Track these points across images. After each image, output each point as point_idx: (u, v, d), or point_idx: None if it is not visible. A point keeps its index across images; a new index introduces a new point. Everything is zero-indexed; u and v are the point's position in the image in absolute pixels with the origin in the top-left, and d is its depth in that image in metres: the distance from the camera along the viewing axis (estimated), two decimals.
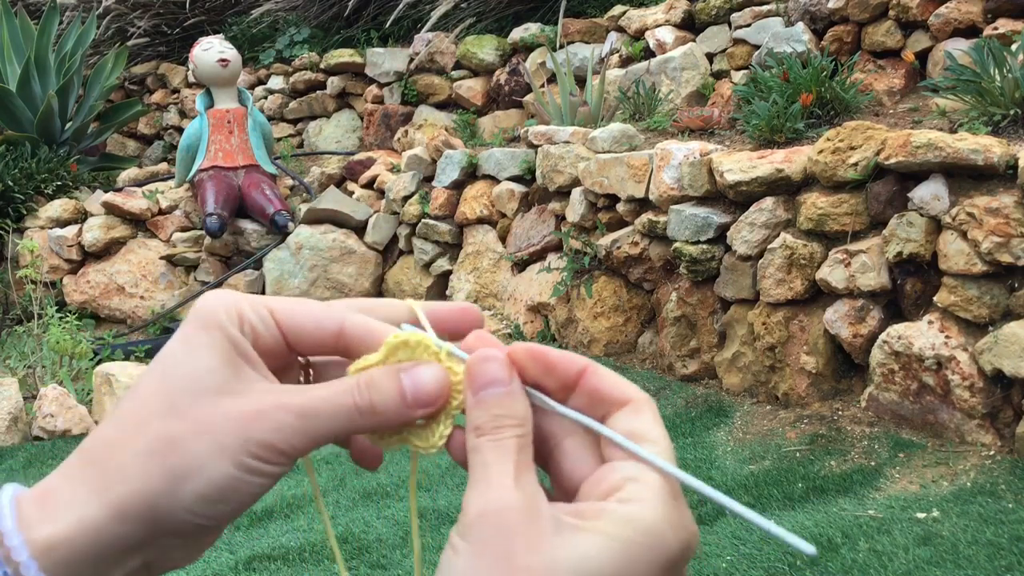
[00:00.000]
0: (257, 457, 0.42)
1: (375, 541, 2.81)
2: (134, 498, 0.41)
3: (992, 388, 2.93)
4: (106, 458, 0.42)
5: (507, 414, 0.43)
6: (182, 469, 0.41)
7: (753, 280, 3.60)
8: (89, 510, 0.41)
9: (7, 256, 6.12)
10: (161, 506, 0.41)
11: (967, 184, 3.03)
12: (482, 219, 5.17)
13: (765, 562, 2.45)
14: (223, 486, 0.42)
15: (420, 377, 0.45)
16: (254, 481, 0.43)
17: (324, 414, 0.43)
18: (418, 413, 0.45)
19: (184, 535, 0.43)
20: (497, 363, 0.44)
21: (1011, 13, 4.14)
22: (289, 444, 0.43)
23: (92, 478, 0.41)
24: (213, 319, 0.44)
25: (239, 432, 0.42)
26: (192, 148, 6.14)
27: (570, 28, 6.15)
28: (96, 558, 0.41)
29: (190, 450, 0.42)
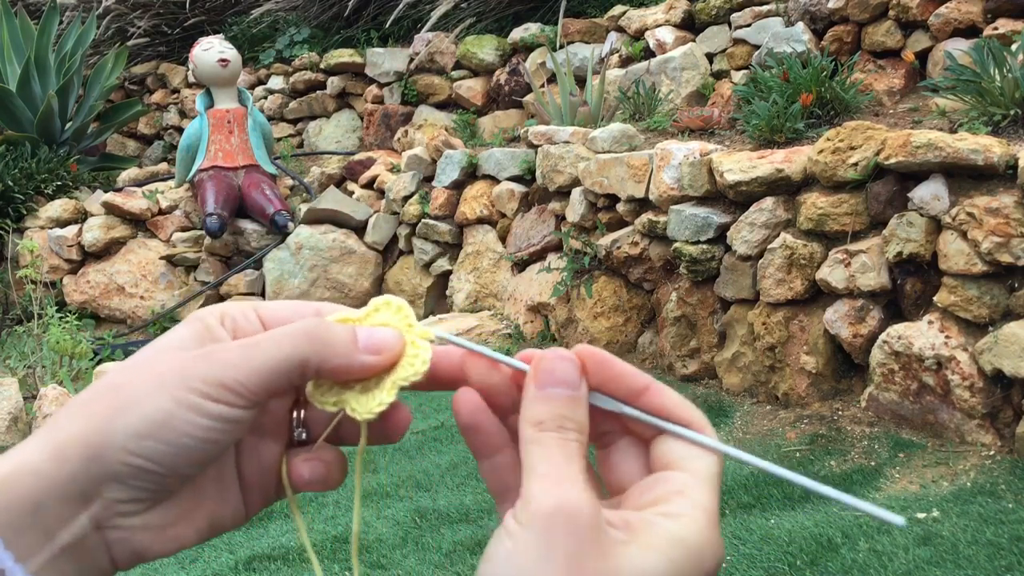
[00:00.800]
0: (196, 392, 0.41)
1: (375, 541, 2.81)
2: (73, 439, 0.41)
3: (992, 388, 2.93)
4: (62, 412, 0.42)
5: (571, 417, 0.42)
6: (119, 406, 0.41)
7: (753, 280, 3.60)
8: (32, 455, 0.40)
9: (7, 256, 6.12)
10: (96, 442, 0.40)
11: (967, 184, 3.03)
12: (482, 219, 5.17)
13: (765, 562, 2.45)
14: (156, 421, 0.41)
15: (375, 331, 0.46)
16: (195, 420, 0.41)
17: (269, 343, 0.43)
18: (366, 359, 0.45)
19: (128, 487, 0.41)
20: (571, 365, 0.44)
21: (1011, 13, 4.15)
22: (231, 377, 0.42)
23: (45, 429, 0.42)
24: (196, 316, 0.46)
25: (180, 369, 0.42)
26: (192, 148, 6.14)
27: (570, 28, 6.15)
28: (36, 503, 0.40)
29: (131, 388, 0.42)
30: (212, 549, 2.90)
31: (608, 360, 0.45)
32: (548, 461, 0.41)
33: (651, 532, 0.40)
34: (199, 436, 0.42)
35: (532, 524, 0.39)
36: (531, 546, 0.38)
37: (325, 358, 0.44)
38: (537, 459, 0.41)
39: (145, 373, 0.42)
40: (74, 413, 0.42)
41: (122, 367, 0.44)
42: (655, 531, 0.40)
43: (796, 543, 2.51)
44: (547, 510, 0.39)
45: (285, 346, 0.43)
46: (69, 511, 0.40)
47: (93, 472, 0.40)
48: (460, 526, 2.84)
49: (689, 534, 0.40)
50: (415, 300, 5.61)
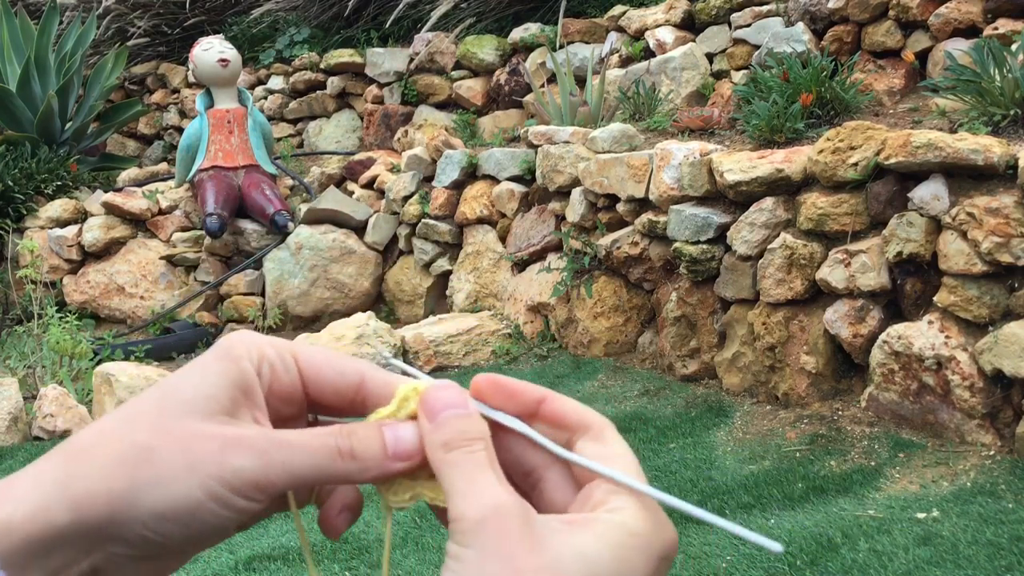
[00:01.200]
0: (227, 485, 0.41)
1: (375, 541, 2.81)
2: (94, 497, 0.40)
3: (992, 388, 2.93)
4: (79, 458, 0.41)
5: (471, 430, 0.43)
6: (147, 479, 0.40)
7: (753, 280, 3.60)
8: (48, 500, 0.40)
9: (7, 256, 6.12)
10: (118, 511, 0.40)
11: (967, 184, 3.03)
12: (482, 219, 5.17)
13: (765, 562, 2.45)
14: (183, 507, 0.41)
15: (401, 431, 0.45)
16: (219, 512, 0.41)
17: (305, 450, 0.43)
18: (395, 467, 0.45)
19: (135, 548, 0.41)
20: (452, 390, 0.45)
21: (1011, 13, 4.14)
22: (264, 475, 0.42)
23: (59, 473, 0.41)
24: (231, 352, 0.44)
25: (214, 453, 0.41)
26: (192, 148, 6.14)
27: (570, 28, 6.15)
28: (49, 552, 0.40)
29: (161, 461, 0.41)
30: (212, 549, 2.90)
31: (503, 381, 0.46)
32: (463, 477, 0.41)
33: (595, 524, 0.40)
34: (215, 524, 0.42)
35: (466, 539, 0.39)
36: (471, 559, 0.39)
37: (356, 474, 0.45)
38: (453, 479, 0.42)
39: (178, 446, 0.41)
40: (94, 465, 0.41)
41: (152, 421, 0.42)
42: (599, 522, 0.41)
43: (796, 543, 2.51)
44: (475, 519, 0.39)
45: (321, 457, 0.43)
46: (75, 558, 0.41)
47: (107, 533, 0.41)
48: None
49: (631, 520, 0.41)
50: (415, 300, 5.61)
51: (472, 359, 4.62)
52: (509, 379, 0.46)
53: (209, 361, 0.44)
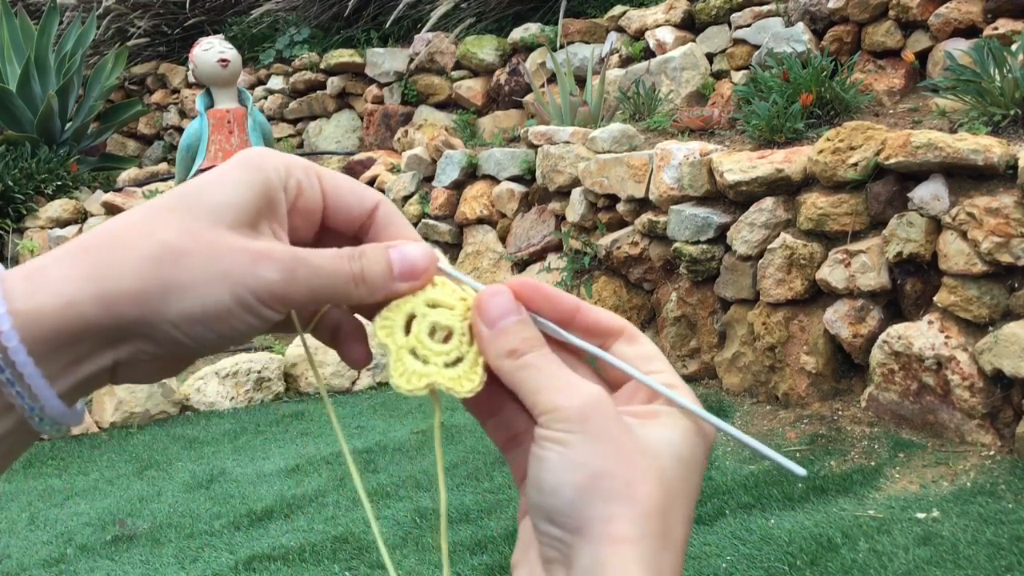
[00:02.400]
0: (254, 293, 0.42)
1: (375, 541, 2.81)
2: (125, 296, 0.41)
3: (992, 388, 2.93)
4: (107, 250, 0.41)
5: (533, 336, 0.45)
6: (179, 282, 0.41)
7: (753, 280, 3.60)
8: (80, 294, 0.40)
9: (7, 256, 6.12)
10: (149, 311, 0.41)
11: (967, 184, 3.03)
12: (482, 219, 5.17)
13: (765, 562, 2.45)
14: (213, 311, 0.42)
15: (407, 250, 0.47)
16: (245, 318, 0.43)
17: (324, 271, 0.44)
18: (403, 286, 0.46)
19: (161, 347, 0.42)
20: (506, 296, 0.46)
21: (1011, 13, 4.14)
22: (290, 289, 0.43)
23: (88, 264, 0.41)
24: (259, 163, 0.45)
25: (246, 264, 0.42)
26: (192, 148, 6.14)
27: (570, 28, 6.15)
28: (75, 342, 0.40)
29: (193, 266, 0.41)
30: (212, 549, 2.90)
31: (539, 287, 0.47)
32: (546, 375, 0.44)
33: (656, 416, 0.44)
34: (240, 330, 0.43)
35: (571, 425, 0.42)
36: (579, 440, 0.42)
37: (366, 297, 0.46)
38: (535, 379, 0.44)
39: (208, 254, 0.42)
40: (126, 260, 0.41)
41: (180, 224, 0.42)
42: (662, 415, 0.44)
43: (796, 543, 2.51)
44: (578, 407, 0.42)
45: (336, 279, 0.45)
46: (100, 350, 0.42)
47: (136, 330, 0.41)
48: (460, 526, 2.84)
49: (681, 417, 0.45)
50: None
51: None
52: (546, 286, 0.47)
53: (235, 169, 0.44)
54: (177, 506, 3.28)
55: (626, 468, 0.41)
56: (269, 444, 3.85)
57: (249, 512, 3.15)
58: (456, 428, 3.62)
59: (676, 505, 0.43)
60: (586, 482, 0.41)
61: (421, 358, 0.47)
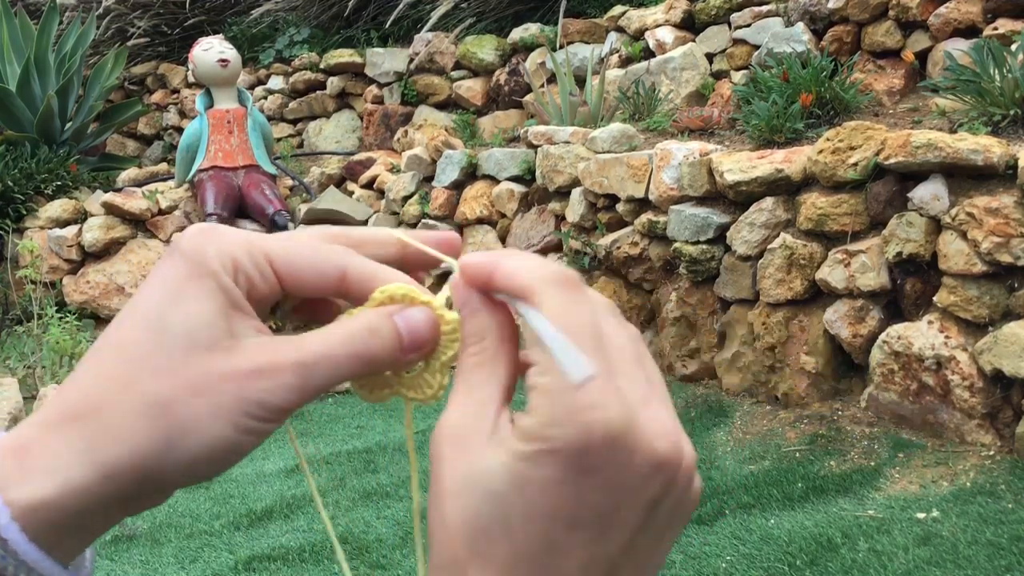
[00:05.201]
0: (253, 416, 0.41)
1: (375, 541, 2.81)
2: (124, 461, 0.39)
3: (992, 388, 2.93)
4: (92, 417, 0.40)
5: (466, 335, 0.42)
6: (176, 431, 0.40)
7: (753, 280, 3.60)
8: (75, 472, 0.39)
9: (7, 256, 6.12)
10: (152, 468, 0.39)
11: (967, 184, 3.03)
12: (482, 219, 5.17)
13: (765, 562, 2.45)
14: (219, 447, 0.40)
15: (413, 318, 0.43)
16: (249, 440, 0.41)
17: (322, 367, 0.42)
18: (411, 357, 0.44)
19: (171, 492, 0.42)
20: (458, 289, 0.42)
21: (1011, 13, 4.14)
22: (287, 400, 0.41)
23: (77, 437, 0.39)
24: (205, 266, 0.41)
25: (236, 392, 0.40)
26: (192, 148, 6.14)
27: (570, 28, 6.15)
28: (81, 518, 0.39)
29: (185, 412, 0.40)
30: (212, 549, 2.90)
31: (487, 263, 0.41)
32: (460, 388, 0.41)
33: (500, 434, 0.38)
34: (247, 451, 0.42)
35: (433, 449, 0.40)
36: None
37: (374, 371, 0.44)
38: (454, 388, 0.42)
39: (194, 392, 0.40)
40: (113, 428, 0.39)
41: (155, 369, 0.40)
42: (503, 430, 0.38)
43: (796, 543, 2.51)
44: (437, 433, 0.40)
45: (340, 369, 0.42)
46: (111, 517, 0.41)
47: (145, 491, 0.40)
48: None
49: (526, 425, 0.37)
50: None
51: None
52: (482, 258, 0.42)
53: (186, 279, 0.41)
54: (177, 506, 3.28)
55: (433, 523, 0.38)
56: (269, 444, 3.85)
57: (249, 512, 3.15)
58: None
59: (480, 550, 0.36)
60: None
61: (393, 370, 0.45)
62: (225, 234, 0.43)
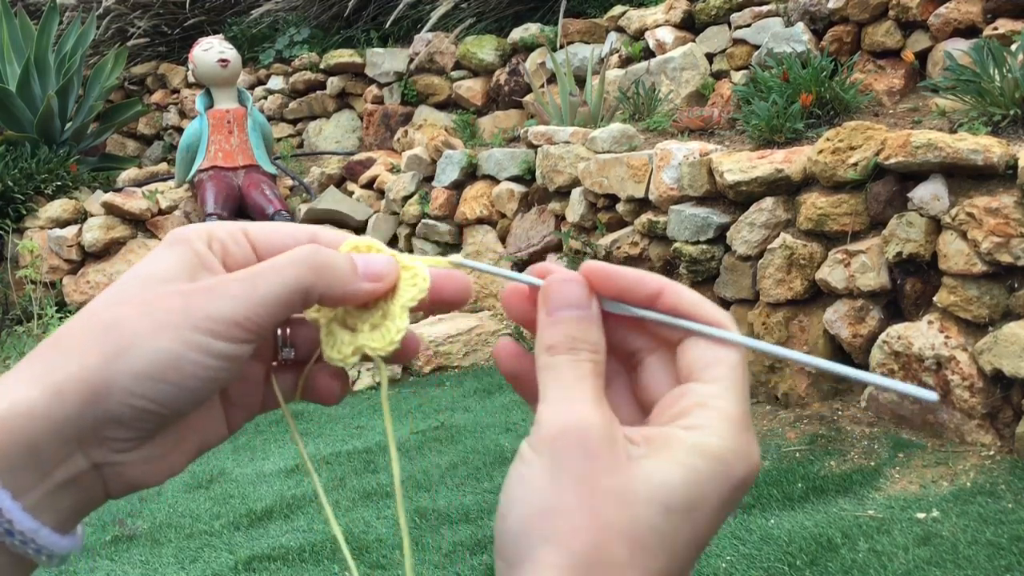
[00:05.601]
0: (200, 330, 0.41)
1: (375, 541, 2.81)
2: (71, 380, 0.39)
3: (992, 388, 2.93)
4: (50, 348, 0.41)
5: (583, 338, 0.42)
6: (120, 345, 0.40)
7: (753, 280, 3.60)
8: (24, 392, 0.39)
9: (7, 256, 6.12)
10: (97, 384, 0.39)
11: (967, 184, 3.03)
12: (482, 219, 5.17)
13: (765, 562, 2.45)
14: (163, 362, 0.40)
15: (370, 257, 0.46)
16: (202, 360, 0.41)
17: (270, 274, 0.42)
18: (367, 285, 0.45)
19: (129, 426, 0.41)
20: (577, 285, 0.43)
21: (1011, 13, 4.15)
22: (235, 311, 0.41)
23: (35, 365, 0.40)
24: (181, 237, 0.44)
25: (180, 307, 0.41)
26: (192, 148, 6.14)
27: (570, 28, 6.15)
28: (32, 444, 0.39)
29: (130, 328, 0.40)
30: (212, 549, 2.90)
31: (616, 272, 0.43)
32: (559, 384, 0.40)
33: (671, 444, 0.39)
34: (204, 375, 0.41)
35: (542, 447, 0.38)
36: (542, 468, 0.38)
37: (329, 286, 0.44)
38: (549, 384, 0.41)
39: (142, 310, 0.41)
40: (67, 350, 0.40)
41: (111, 301, 0.42)
42: (675, 443, 0.39)
43: (796, 543, 2.51)
44: (555, 432, 0.38)
45: (289, 276, 0.42)
46: (66, 450, 0.40)
47: (93, 413, 0.40)
48: (460, 526, 2.84)
49: (711, 442, 0.39)
50: None
51: (472, 359, 4.63)
52: (625, 270, 0.44)
53: (162, 248, 0.44)
54: (177, 506, 3.28)
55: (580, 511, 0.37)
56: (269, 444, 3.85)
57: (249, 512, 3.15)
58: (456, 428, 3.62)
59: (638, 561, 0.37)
60: (533, 517, 0.37)
61: (350, 327, 0.46)
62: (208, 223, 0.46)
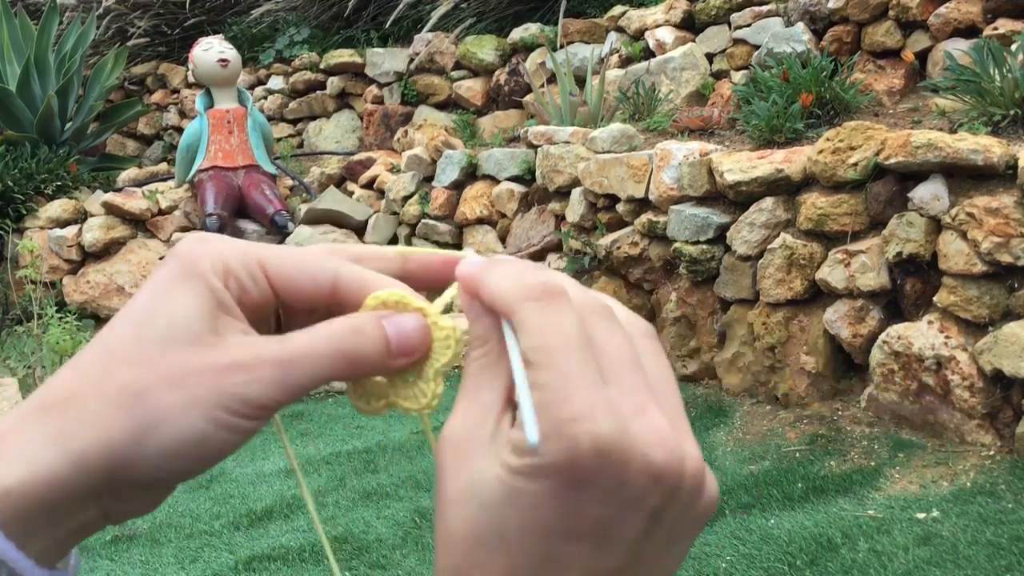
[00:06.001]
0: (231, 411, 0.40)
1: (375, 541, 2.81)
2: (95, 449, 0.38)
3: (992, 388, 2.93)
4: (66, 406, 0.39)
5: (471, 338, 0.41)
6: (149, 421, 0.39)
7: (753, 280, 3.60)
8: (45, 458, 0.38)
9: (7, 256, 6.12)
10: (124, 458, 0.38)
11: (967, 184, 3.03)
12: (482, 219, 5.17)
13: (765, 562, 2.45)
14: (192, 441, 0.39)
15: (403, 324, 0.43)
16: (226, 437, 0.40)
17: (305, 363, 0.41)
18: (400, 362, 0.43)
19: (147, 486, 0.40)
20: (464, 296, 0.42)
21: (1011, 13, 4.14)
22: (267, 396, 0.40)
23: (49, 425, 0.38)
24: (195, 269, 0.41)
25: (212, 385, 0.40)
26: (192, 148, 6.14)
27: (570, 28, 6.15)
28: (50, 509, 0.38)
29: (159, 402, 0.39)
30: (212, 549, 2.90)
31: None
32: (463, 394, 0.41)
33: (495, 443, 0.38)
34: (226, 449, 0.41)
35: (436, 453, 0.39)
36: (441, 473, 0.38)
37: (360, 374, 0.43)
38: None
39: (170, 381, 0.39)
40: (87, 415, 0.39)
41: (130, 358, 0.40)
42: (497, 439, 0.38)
43: (796, 543, 2.51)
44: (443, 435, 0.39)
45: (324, 367, 0.41)
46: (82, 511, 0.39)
47: (115, 482, 0.39)
48: None
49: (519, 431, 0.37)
50: None
51: None
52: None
53: (173, 281, 0.41)
54: (177, 506, 3.28)
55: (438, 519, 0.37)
56: (269, 444, 3.85)
57: (249, 512, 3.15)
58: None
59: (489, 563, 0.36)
60: None
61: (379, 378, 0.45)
62: (220, 242, 0.42)
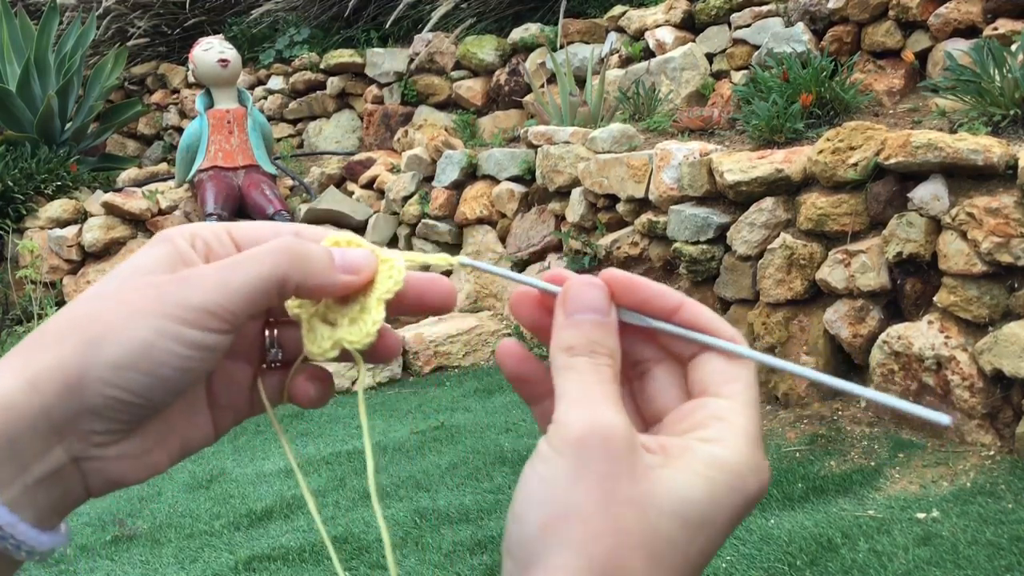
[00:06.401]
0: (175, 319, 0.40)
1: (375, 541, 2.81)
2: (47, 369, 0.39)
3: (992, 388, 2.93)
4: (32, 342, 0.41)
5: (602, 342, 0.42)
6: (94, 336, 0.40)
7: (753, 280, 3.60)
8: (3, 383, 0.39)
9: (7, 256, 6.12)
10: (72, 373, 0.39)
11: (967, 184, 3.03)
12: (482, 219, 5.17)
13: (765, 562, 2.45)
14: (136, 350, 0.40)
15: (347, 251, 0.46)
16: (176, 349, 0.41)
17: (246, 263, 0.42)
18: (345, 278, 0.45)
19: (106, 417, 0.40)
20: (599, 291, 0.43)
21: (1011, 13, 4.14)
22: (210, 300, 0.41)
23: (15, 359, 0.40)
24: (165, 236, 0.45)
25: (155, 295, 0.41)
26: (192, 148, 6.14)
27: (570, 28, 6.15)
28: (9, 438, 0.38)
29: (105, 319, 0.40)
30: (212, 549, 2.90)
31: (637, 282, 0.44)
32: (580, 385, 0.40)
33: (688, 456, 0.39)
34: (178, 365, 0.41)
35: (565, 448, 0.38)
36: (564, 469, 0.38)
37: (305, 276, 0.44)
38: (569, 384, 0.40)
39: (118, 301, 0.41)
40: (45, 343, 0.40)
41: (91, 296, 0.42)
42: (693, 454, 0.39)
43: (796, 543, 2.51)
44: (580, 433, 0.38)
45: (265, 264, 0.42)
46: (43, 444, 0.40)
47: (69, 405, 0.40)
48: (460, 526, 2.84)
49: (727, 457, 0.39)
50: None
51: (472, 359, 4.63)
52: (645, 282, 0.44)
53: (146, 247, 0.44)
54: (177, 506, 3.28)
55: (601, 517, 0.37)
56: (269, 444, 3.85)
57: (249, 512, 3.15)
58: (456, 428, 3.62)
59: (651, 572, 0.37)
60: (551, 520, 0.37)
61: (330, 322, 0.47)
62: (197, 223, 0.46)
